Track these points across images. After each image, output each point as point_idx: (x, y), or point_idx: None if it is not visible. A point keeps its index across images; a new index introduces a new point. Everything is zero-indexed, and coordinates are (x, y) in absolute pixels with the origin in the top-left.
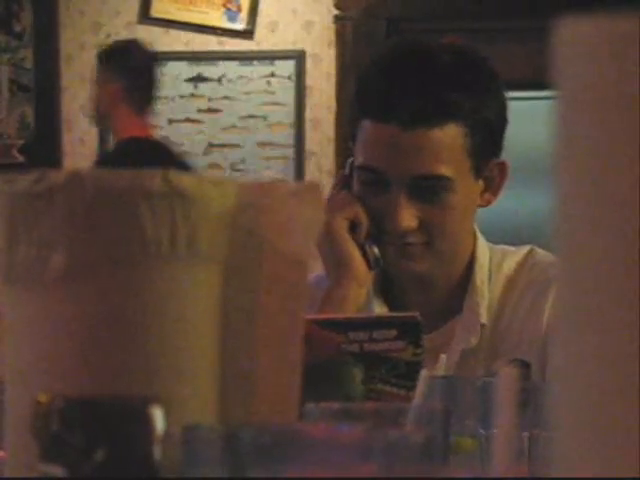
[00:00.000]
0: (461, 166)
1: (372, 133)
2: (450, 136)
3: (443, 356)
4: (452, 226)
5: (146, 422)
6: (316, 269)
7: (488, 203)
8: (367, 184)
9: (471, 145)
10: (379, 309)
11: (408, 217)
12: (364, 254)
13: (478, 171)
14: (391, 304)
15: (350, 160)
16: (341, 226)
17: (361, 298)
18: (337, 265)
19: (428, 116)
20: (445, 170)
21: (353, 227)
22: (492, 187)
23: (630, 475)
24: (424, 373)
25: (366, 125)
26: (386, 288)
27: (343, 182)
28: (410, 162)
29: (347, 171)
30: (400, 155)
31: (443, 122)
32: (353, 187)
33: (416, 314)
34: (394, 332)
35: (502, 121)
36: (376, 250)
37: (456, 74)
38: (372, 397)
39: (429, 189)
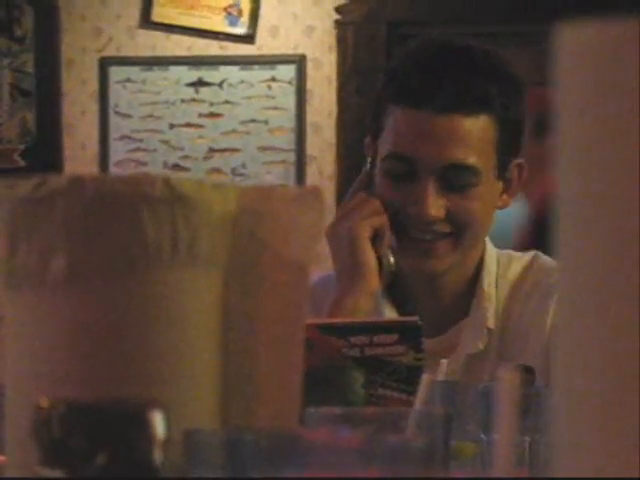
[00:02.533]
0: (488, 160)
1: (405, 119)
2: (482, 127)
3: (444, 361)
4: (477, 219)
5: (147, 426)
6: (318, 271)
7: (505, 205)
8: (394, 174)
9: (499, 141)
10: (388, 311)
11: (436, 206)
12: (379, 264)
13: (500, 170)
14: (399, 307)
15: (370, 158)
16: (366, 235)
17: (370, 307)
18: (352, 273)
19: (464, 103)
20: (474, 161)
21: (374, 236)
22: (510, 189)
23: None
24: (425, 378)
25: (398, 112)
26: (395, 291)
27: (367, 180)
28: (441, 149)
29: (368, 167)
30: (432, 142)
31: (477, 112)
32: (375, 182)
33: (416, 318)
34: (395, 336)
35: (524, 125)
36: (392, 260)
37: (490, 70)
38: (373, 402)
39: (458, 179)
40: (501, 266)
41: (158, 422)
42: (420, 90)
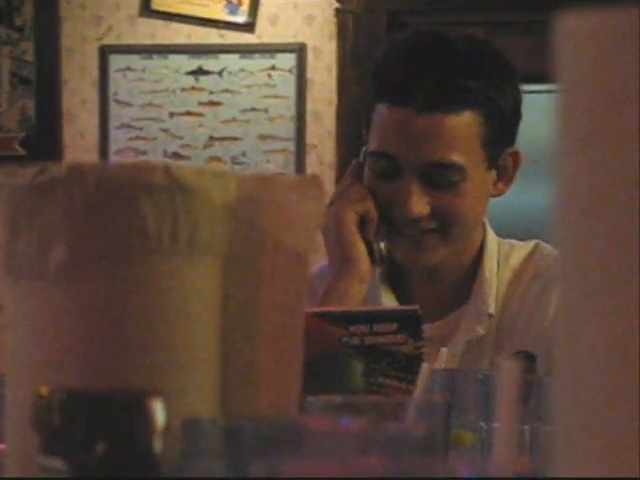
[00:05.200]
0: (474, 155)
1: (387, 117)
2: (465, 123)
3: (443, 349)
4: (464, 214)
5: (147, 415)
6: (317, 261)
7: (501, 193)
8: (379, 171)
9: (485, 134)
10: (386, 298)
11: (420, 204)
12: (370, 250)
13: (491, 161)
14: (398, 293)
15: (364, 148)
16: (351, 220)
17: (361, 294)
18: (341, 259)
19: (445, 101)
20: (458, 158)
21: (363, 222)
22: (505, 177)
23: (631, 469)
24: (425, 366)
25: (381, 109)
26: (394, 277)
27: (357, 171)
28: (424, 148)
29: (362, 159)
30: (414, 140)
31: (459, 109)
32: (364, 175)
33: (417, 307)
34: (395, 325)
35: (516, 113)
36: (383, 246)
37: (474, 63)
38: (373, 390)
39: (442, 177)
40: (502, 253)
41: (158, 410)
42: (401, 88)
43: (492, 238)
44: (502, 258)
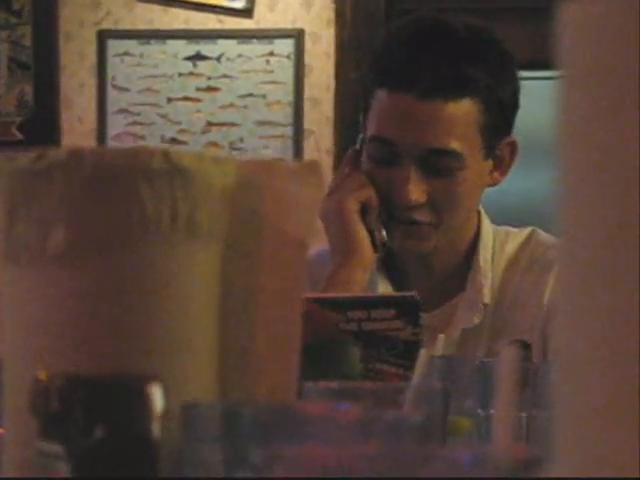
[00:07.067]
0: (473, 143)
1: (387, 103)
2: (465, 111)
3: (441, 336)
4: (460, 203)
5: (145, 400)
6: (315, 245)
7: (496, 182)
8: (378, 156)
9: (484, 122)
10: (383, 286)
11: (418, 191)
12: (371, 237)
13: (489, 150)
14: (395, 281)
15: (361, 135)
16: (353, 208)
17: (364, 282)
18: (344, 247)
19: (445, 88)
20: (457, 145)
21: (363, 210)
22: (501, 166)
23: (631, 459)
24: (423, 353)
25: (381, 95)
26: (390, 265)
27: (354, 159)
28: (423, 134)
29: (358, 146)
30: (414, 126)
31: (460, 96)
32: (362, 161)
33: (414, 293)
34: (393, 312)
35: (514, 103)
36: (384, 234)
37: (475, 51)
38: (370, 376)
39: (440, 163)
40: (498, 242)
41: (156, 395)
42: (401, 74)
43: (487, 227)
44: (497, 246)
